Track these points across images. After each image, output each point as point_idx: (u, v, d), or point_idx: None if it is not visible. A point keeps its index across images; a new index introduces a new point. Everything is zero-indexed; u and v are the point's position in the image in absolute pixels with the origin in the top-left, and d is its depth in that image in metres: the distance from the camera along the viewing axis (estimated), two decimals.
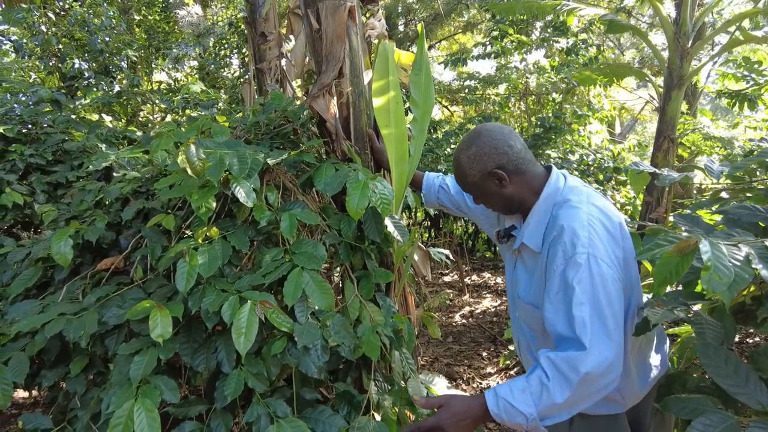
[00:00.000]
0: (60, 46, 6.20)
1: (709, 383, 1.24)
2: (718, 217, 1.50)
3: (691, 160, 5.93)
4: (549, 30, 7.09)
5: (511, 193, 1.35)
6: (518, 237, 1.39)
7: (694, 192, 6.80)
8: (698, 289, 1.26)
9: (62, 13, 6.69)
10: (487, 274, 6.69)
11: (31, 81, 7.09)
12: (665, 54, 4.25)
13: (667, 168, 1.75)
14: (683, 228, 1.32)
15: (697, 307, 1.30)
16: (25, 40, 6.37)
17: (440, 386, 1.83)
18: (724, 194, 1.70)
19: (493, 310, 5.24)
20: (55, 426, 1.45)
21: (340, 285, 1.80)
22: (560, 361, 1.13)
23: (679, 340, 1.74)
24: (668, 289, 1.51)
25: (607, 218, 1.25)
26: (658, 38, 9.51)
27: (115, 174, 2.57)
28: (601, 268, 1.15)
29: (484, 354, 4.13)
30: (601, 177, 5.54)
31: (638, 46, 10.89)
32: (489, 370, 3.83)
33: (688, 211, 1.46)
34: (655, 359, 1.38)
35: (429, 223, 7.23)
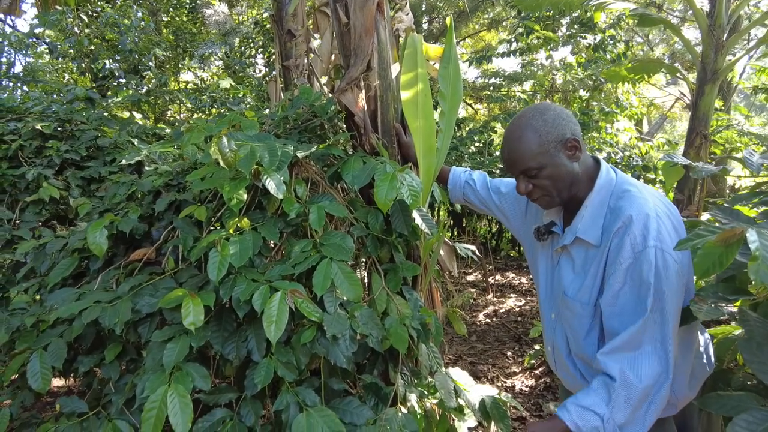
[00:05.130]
0: (92, 47, 6.38)
1: (755, 381, 1.20)
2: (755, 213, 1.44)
3: (723, 158, 5.76)
4: (576, 26, 6.98)
5: (577, 171, 1.26)
6: (568, 233, 1.31)
7: (727, 191, 6.60)
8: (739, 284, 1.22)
9: (94, 14, 6.88)
10: (511, 274, 6.62)
11: (64, 81, 7.32)
12: (698, 49, 4.13)
13: (701, 162, 1.70)
14: (722, 221, 1.28)
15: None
16: (59, 43, 6.57)
17: (466, 382, 1.82)
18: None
19: (517, 309, 5.18)
20: (91, 410, 1.49)
21: (366, 278, 1.81)
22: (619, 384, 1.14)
23: (715, 341, 1.69)
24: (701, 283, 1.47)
25: (668, 209, 1.21)
26: (690, 33, 9.26)
27: (146, 168, 2.63)
28: (668, 263, 1.12)
29: (509, 353, 4.08)
30: (629, 174, 5.42)
31: (668, 41, 10.63)
32: (514, 369, 3.79)
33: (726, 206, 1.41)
34: (704, 358, 1.33)
35: (452, 221, 7.19)
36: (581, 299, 1.27)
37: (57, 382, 3.35)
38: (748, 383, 1.25)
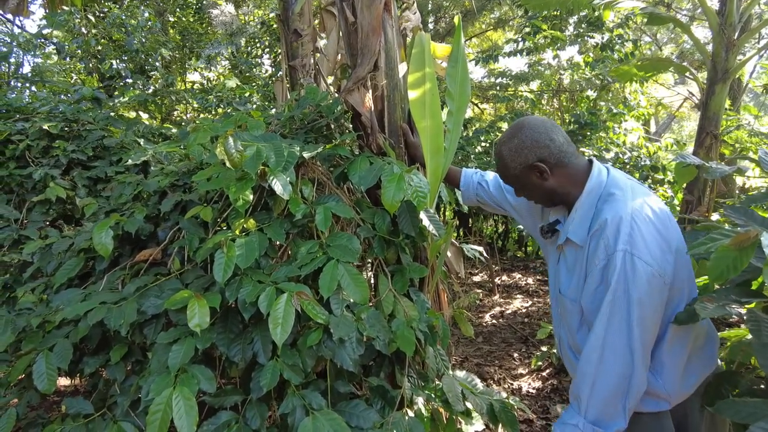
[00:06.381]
0: (99, 47, 6.40)
1: (764, 386, 1.17)
2: None
3: (734, 159, 5.69)
4: (583, 25, 6.93)
5: (553, 185, 1.35)
6: (562, 233, 1.38)
7: (737, 192, 6.53)
8: (754, 286, 1.19)
9: (101, 15, 6.91)
10: (517, 275, 6.58)
11: (72, 82, 7.36)
12: (708, 48, 4.08)
13: (714, 162, 1.68)
14: (737, 222, 1.26)
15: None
16: (66, 44, 6.60)
17: (475, 384, 1.79)
18: None
19: (524, 310, 5.15)
20: (96, 411, 1.48)
21: (373, 280, 1.79)
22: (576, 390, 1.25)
23: (728, 344, 1.66)
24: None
25: (653, 212, 1.24)
26: (698, 32, 9.18)
27: (152, 168, 2.63)
28: (636, 267, 1.15)
29: (515, 355, 4.05)
30: (637, 175, 5.37)
31: (677, 40, 10.54)
32: (521, 371, 3.76)
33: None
34: (704, 357, 1.34)
35: (458, 222, 7.16)
36: (571, 296, 1.35)
37: (63, 381, 3.36)
38: (755, 387, 1.23)
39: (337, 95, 2.10)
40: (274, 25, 7.38)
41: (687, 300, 1.26)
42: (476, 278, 6.54)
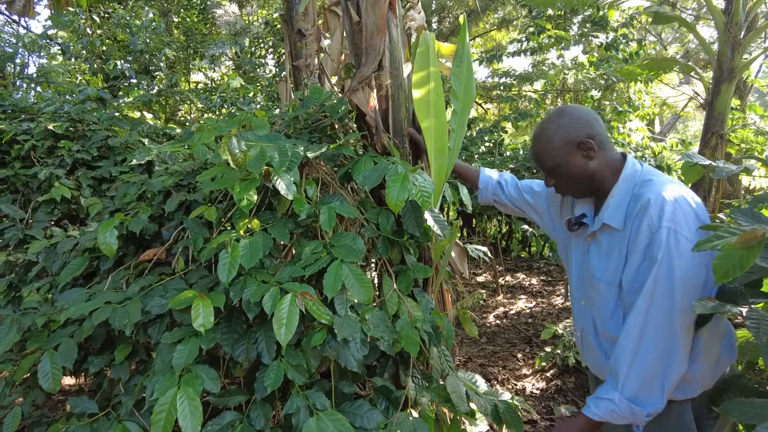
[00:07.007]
0: (104, 48, 6.43)
1: None
2: None
3: (740, 159, 5.66)
4: (588, 25, 6.91)
5: (595, 168, 1.36)
6: (596, 220, 1.40)
7: (742, 192, 6.49)
8: (765, 288, 1.18)
9: (106, 15, 6.94)
10: (521, 275, 6.56)
11: (76, 82, 7.38)
12: (714, 47, 4.07)
13: (722, 161, 1.66)
14: (743, 223, 1.25)
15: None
16: (71, 44, 6.62)
17: (479, 385, 1.79)
18: None
19: (528, 311, 5.13)
20: (101, 411, 1.48)
21: (376, 280, 1.79)
22: (616, 364, 1.25)
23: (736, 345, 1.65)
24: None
25: (692, 197, 1.27)
26: (704, 31, 9.14)
27: (156, 168, 2.64)
28: (680, 243, 1.17)
29: (519, 355, 4.04)
30: None
31: (682, 40, 10.50)
32: (524, 371, 3.75)
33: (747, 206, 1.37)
34: (726, 347, 1.35)
35: (461, 221, 7.14)
36: (606, 280, 1.36)
37: (68, 381, 3.37)
38: (761, 390, 1.23)
39: (341, 95, 2.10)
40: (278, 25, 7.39)
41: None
42: (480, 278, 6.53)
